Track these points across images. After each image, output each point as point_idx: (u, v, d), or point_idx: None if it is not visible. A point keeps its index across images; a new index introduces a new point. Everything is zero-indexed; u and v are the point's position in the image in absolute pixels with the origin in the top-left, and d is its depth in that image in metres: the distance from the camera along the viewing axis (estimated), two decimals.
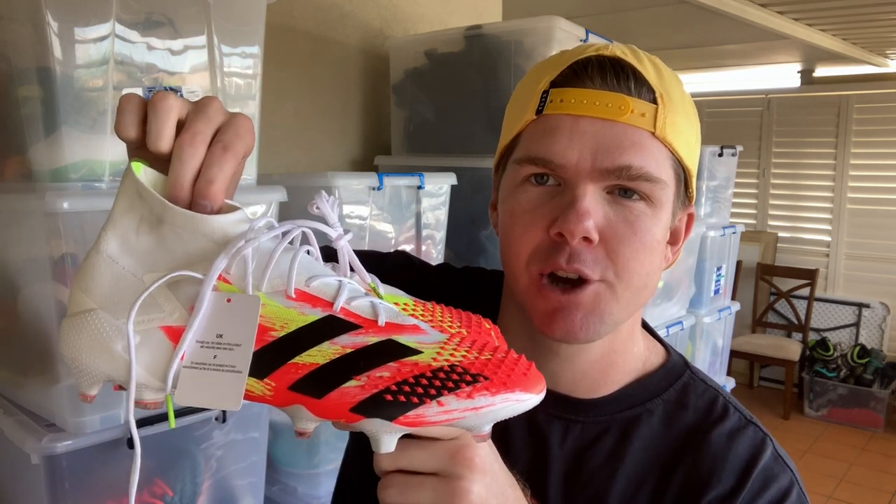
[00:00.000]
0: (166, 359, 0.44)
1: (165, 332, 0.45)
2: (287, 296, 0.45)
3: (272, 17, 1.19)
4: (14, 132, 0.95)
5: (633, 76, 0.59)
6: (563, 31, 1.54)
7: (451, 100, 1.72)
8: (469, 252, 1.67)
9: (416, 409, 0.42)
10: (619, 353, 0.67)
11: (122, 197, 0.45)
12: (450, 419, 0.43)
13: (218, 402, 0.43)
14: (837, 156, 4.93)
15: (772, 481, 0.61)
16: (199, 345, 0.44)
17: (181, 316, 0.45)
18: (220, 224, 0.45)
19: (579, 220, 0.56)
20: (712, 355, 2.34)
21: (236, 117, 0.47)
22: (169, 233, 0.45)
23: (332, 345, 0.44)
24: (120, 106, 0.46)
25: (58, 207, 0.87)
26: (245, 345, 0.43)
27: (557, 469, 0.65)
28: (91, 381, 0.46)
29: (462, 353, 0.44)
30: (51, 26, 0.88)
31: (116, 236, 0.45)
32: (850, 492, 3.76)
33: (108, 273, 0.45)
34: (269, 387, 0.44)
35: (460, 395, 0.42)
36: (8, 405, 1.05)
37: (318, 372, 0.43)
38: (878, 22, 3.22)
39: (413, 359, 0.43)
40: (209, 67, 1.06)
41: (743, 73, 5.10)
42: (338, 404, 0.43)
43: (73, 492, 0.96)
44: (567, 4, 3.03)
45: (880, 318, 4.86)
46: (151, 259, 0.45)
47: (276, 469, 1.34)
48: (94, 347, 0.45)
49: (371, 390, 0.42)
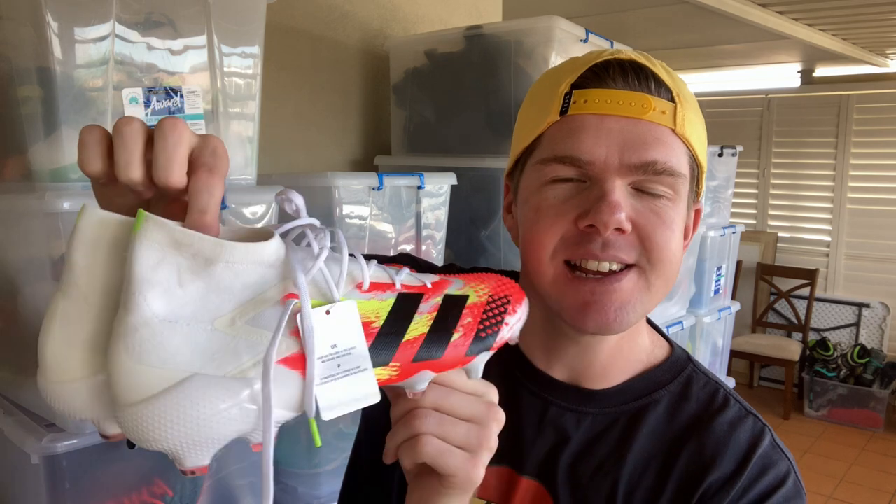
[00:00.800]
0: (297, 388, 0.45)
1: (284, 364, 0.44)
2: (362, 290, 0.48)
3: (272, 17, 1.19)
4: (14, 132, 0.95)
5: (652, 77, 0.62)
6: (563, 31, 1.54)
7: (451, 100, 1.72)
8: (469, 252, 1.67)
9: (499, 333, 0.51)
10: (627, 342, 0.70)
11: (145, 251, 0.41)
12: (512, 334, 0.52)
13: (359, 402, 0.46)
14: (837, 156, 4.93)
15: (770, 468, 0.64)
16: (321, 361, 0.45)
17: (289, 344, 0.44)
18: (275, 248, 0.45)
19: (612, 212, 0.58)
20: (712, 355, 2.33)
21: (209, 138, 0.44)
22: (224, 271, 0.42)
23: (420, 315, 0.49)
24: (81, 138, 0.43)
25: (58, 207, 0.87)
26: (359, 345, 0.46)
27: (567, 459, 0.67)
28: (211, 449, 0.43)
29: (483, 286, 0.52)
30: (51, 26, 0.88)
31: (158, 297, 0.41)
32: (850, 492, 3.76)
33: (176, 337, 0.41)
34: (395, 367, 0.48)
35: (510, 314, 0.52)
36: (8, 405, 1.05)
37: (429, 339, 0.49)
38: (878, 22, 3.21)
39: (470, 301, 0.51)
40: (209, 67, 1.06)
41: (743, 73, 5.10)
42: (455, 355, 0.50)
43: (73, 492, 0.96)
44: (567, 4, 3.03)
45: (880, 318, 4.86)
46: (210, 304, 0.42)
47: (276, 469, 1.34)
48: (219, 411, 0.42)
49: (471, 335, 0.50)
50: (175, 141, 0.42)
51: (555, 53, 1.52)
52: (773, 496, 0.63)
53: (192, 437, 0.42)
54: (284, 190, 0.48)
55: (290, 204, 0.48)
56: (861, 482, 3.86)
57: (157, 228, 0.41)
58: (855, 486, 3.82)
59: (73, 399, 0.44)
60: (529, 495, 0.67)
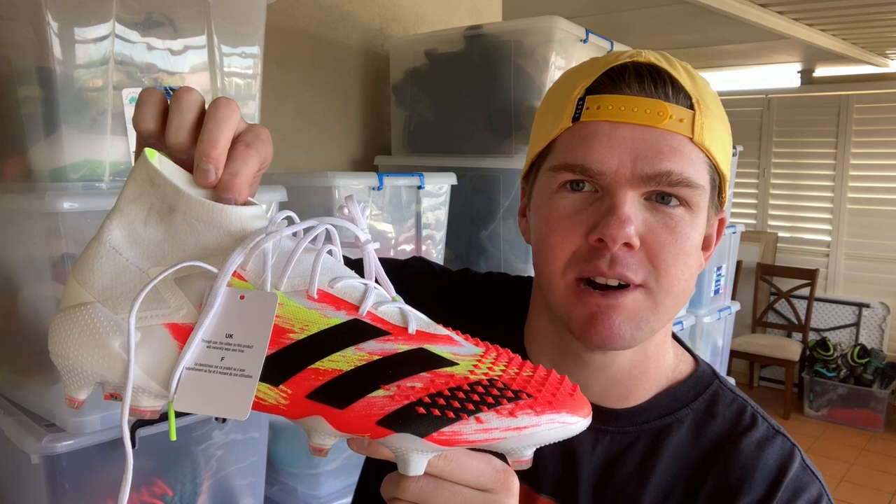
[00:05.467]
0: (169, 360, 0.40)
1: (170, 330, 0.41)
2: (308, 296, 0.41)
3: (272, 17, 1.19)
4: (14, 132, 0.95)
5: (670, 82, 0.59)
6: (563, 31, 1.54)
7: (451, 100, 1.72)
8: (469, 252, 1.67)
9: (452, 425, 0.38)
10: (653, 361, 0.67)
11: (131, 184, 0.42)
12: (489, 439, 0.39)
13: (223, 409, 0.39)
14: (837, 156, 4.92)
15: (801, 492, 0.61)
16: (206, 345, 0.40)
17: (189, 313, 0.41)
18: (238, 216, 0.42)
19: (621, 226, 0.55)
20: (712, 355, 2.34)
21: (256, 126, 0.46)
22: (181, 223, 0.42)
23: (358, 350, 0.40)
24: (140, 98, 0.46)
25: (58, 207, 0.87)
26: (258, 346, 0.39)
27: (587, 479, 0.64)
28: (80, 383, 0.41)
29: (501, 368, 0.40)
30: (51, 26, 0.88)
31: (122, 226, 0.42)
32: (850, 492, 3.76)
33: (110, 264, 0.42)
34: (285, 395, 0.39)
35: (501, 413, 0.38)
36: (8, 405, 1.05)
37: (342, 379, 0.39)
38: (878, 22, 3.21)
39: (448, 370, 0.39)
40: (209, 67, 1.06)
41: (743, 73, 5.10)
42: (363, 416, 0.39)
43: (73, 492, 0.96)
44: (567, 4, 3.03)
45: (880, 318, 4.86)
46: (159, 251, 0.42)
47: (276, 469, 1.34)
48: (88, 344, 0.41)
49: (402, 401, 0.38)
50: (224, 116, 0.44)
51: (555, 53, 1.52)
52: None
53: (67, 360, 0.41)
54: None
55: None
56: (861, 482, 3.86)
57: (142, 164, 0.42)
58: (855, 486, 3.82)
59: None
60: None
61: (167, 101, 0.45)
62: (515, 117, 1.57)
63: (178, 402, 0.40)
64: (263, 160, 0.46)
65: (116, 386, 0.41)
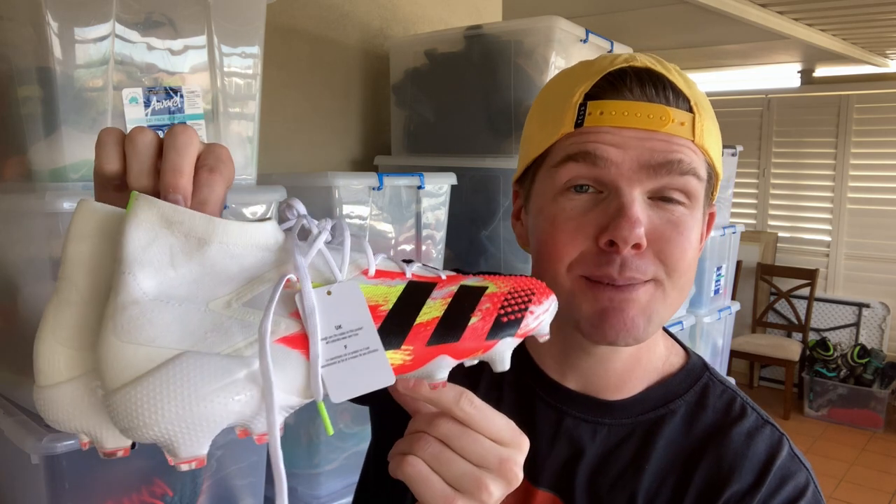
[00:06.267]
0: (300, 369, 0.42)
1: (285, 344, 0.42)
2: (368, 276, 0.47)
3: (272, 17, 1.19)
4: (14, 132, 0.95)
5: (670, 86, 0.60)
6: (563, 31, 1.54)
7: (451, 100, 1.72)
8: (469, 252, 1.67)
9: (523, 320, 0.48)
10: (645, 351, 0.68)
11: (136, 232, 0.40)
12: (538, 325, 0.49)
13: (372, 384, 0.44)
14: (837, 156, 4.93)
15: (789, 479, 0.63)
16: (325, 342, 0.43)
17: (289, 325, 0.43)
18: (272, 230, 0.45)
19: (632, 228, 0.56)
20: (712, 355, 2.34)
21: (215, 145, 0.46)
22: (218, 252, 0.42)
23: (433, 300, 0.47)
24: (100, 139, 0.44)
25: (58, 207, 0.87)
26: (367, 325, 0.45)
27: (584, 471, 0.66)
28: (207, 434, 0.40)
29: (503, 281, 0.50)
30: (51, 26, 0.88)
31: (149, 276, 0.40)
32: (850, 492, 3.76)
33: (168, 315, 0.40)
34: (408, 351, 0.46)
35: (536, 304, 0.49)
36: (8, 405, 1.05)
37: (444, 322, 0.47)
38: (878, 22, 3.21)
39: (490, 291, 0.49)
40: (209, 67, 1.06)
41: (743, 73, 5.10)
42: (473, 339, 0.47)
43: (73, 492, 0.96)
44: (567, 4, 3.03)
45: (880, 318, 4.86)
46: (205, 286, 0.41)
47: None
48: (214, 389, 0.39)
49: (491, 319, 0.48)
50: (184, 144, 0.43)
51: (555, 53, 1.52)
52: None
53: (185, 418, 0.38)
54: (289, 199, 0.49)
55: (291, 210, 0.48)
56: (861, 482, 3.86)
57: (148, 207, 0.41)
58: (855, 486, 3.82)
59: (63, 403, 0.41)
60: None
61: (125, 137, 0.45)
62: (515, 117, 1.57)
63: (333, 396, 0.43)
64: (228, 181, 0.45)
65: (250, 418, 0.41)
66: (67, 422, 0.42)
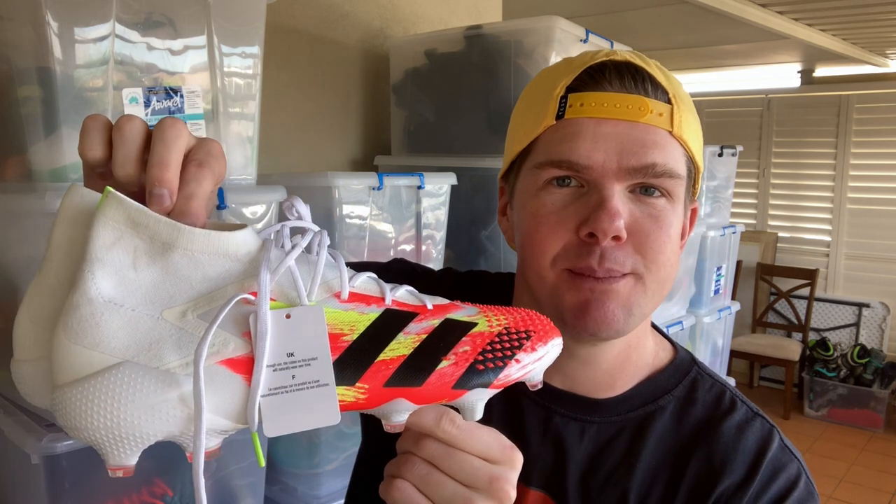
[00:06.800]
0: (239, 395, 0.40)
1: (228, 366, 0.40)
2: (340, 299, 0.43)
3: (272, 17, 1.19)
4: (14, 132, 0.95)
5: (649, 79, 0.61)
6: (563, 31, 1.54)
7: (451, 100, 1.72)
8: (469, 252, 1.67)
9: (504, 370, 0.45)
10: (634, 349, 0.69)
11: (102, 230, 0.39)
12: (525, 374, 0.46)
13: (313, 421, 0.41)
14: (837, 156, 4.92)
15: (781, 471, 0.64)
16: (272, 369, 0.40)
17: (237, 345, 0.40)
18: (243, 239, 0.42)
19: (612, 220, 0.57)
20: (712, 355, 2.33)
21: (206, 140, 0.45)
22: (182, 259, 0.40)
23: (406, 335, 0.44)
24: (84, 126, 0.43)
25: (58, 207, 0.87)
26: (322, 356, 0.41)
27: (575, 470, 0.66)
28: (135, 447, 0.39)
29: (503, 317, 0.47)
30: (51, 26, 0.88)
31: (107, 276, 0.39)
32: (850, 492, 3.76)
33: (117, 320, 0.39)
34: (363, 390, 0.42)
35: (528, 351, 0.46)
36: (8, 405, 1.05)
37: (409, 363, 0.43)
38: (878, 22, 3.21)
39: (477, 330, 0.45)
40: (209, 67, 1.06)
41: (743, 73, 5.10)
42: (439, 386, 0.44)
43: (73, 492, 0.96)
44: (567, 4, 3.03)
45: (880, 318, 4.86)
46: (163, 293, 0.40)
47: (276, 469, 1.34)
48: (145, 404, 0.38)
49: (464, 365, 0.44)
50: (172, 137, 0.42)
51: (555, 53, 1.52)
52: (786, 500, 0.62)
53: (113, 430, 0.38)
54: (290, 197, 0.47)
55: (292, 210, 0.46)
56: (861, 482, 3.86)
57: (116, 206, 0.39)
58: (855, 486, 3.82)
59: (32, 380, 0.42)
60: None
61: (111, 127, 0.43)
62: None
63: (267, 429, 0.41)
64: (217, 177, 0.44)
65: (177, 437, 0.40)
66: (32, 398, 0.43)
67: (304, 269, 0.43)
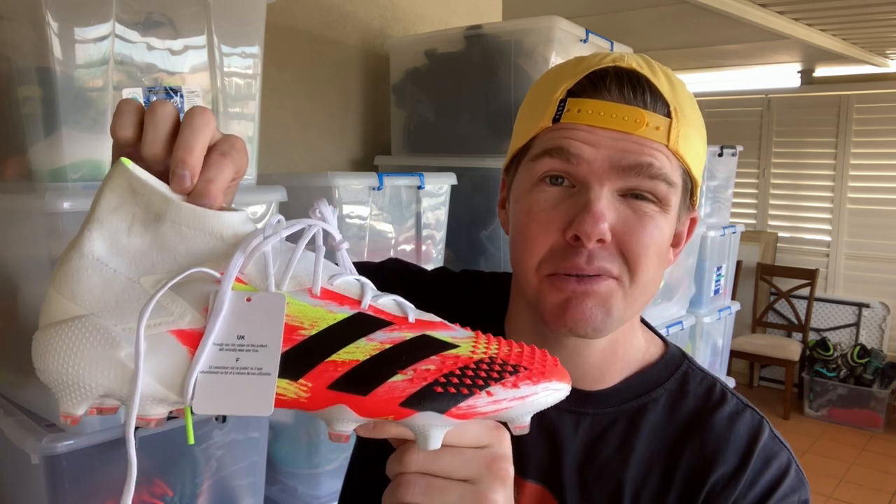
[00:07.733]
0: (181, 366, 0.41)
1: (177, 337, 0.41)
2: (312, 294, 0.43)
3: (272, 17, 1.19)
4: (14, 132, 0.95)
5: (649, 89, 0.60)
6: (563, 31, 1.54)
7: (451, 100, 1.72)
8: (469, 252, 1.67)
9: (468, 399, 0.41)
10: (622, 344, 0.70)
11: (108, 194, 0.42)
12: (498, 409, 0.42)
13: (245, 408, 0.40)
14: (837, 156, 4.92)
15: (772, 459, 0.65)
16: (218, 348, 0.41)
17: (194, 319, 0.41)
18: (230, 220, 0.43)
19: (595, 223, 0.58)
20: (712, 355, 2.34)
21: (231, 136, 0.47)
22: (170, 231, 0.42)
23: (370, 341, 0.42)
24: (119, 107, 0.46)
25: (58, 207, 0.87)
26: (272, 345, 0.41)
27: (571, 461, 0.67)
28: (80, 398, 0.41)
29: (495, 347, 0.44)
30: (51, 26, 0.88)
31: (103, 237, 0.42)
32: (850, 492, 3.76)
33: (97, 276, 0.41)
34: (305, 388, 0.41)
35: (507, 385, 0.42)
36: (8, 405, 1.05)
37: (361, 368, 0.41)
38: (878, 22, 3.21)
39: (453, 352, 0.43)
40: (209, 67, 1.06)
41: (743, 73, 5.10)
42: (386, 399, 0.41)
43: (73, 492, 0.96)
44: (567, 4, 3.03)
45: (880, 318, 4.86)
46: (147, 260, 0.42)
47: (276, 469, 1.34)
48: (90, 358, 0.40)
49: (420, 383, 0.41)
50: (200, 125, 0.44)
51: (555, 53, 1.52)
52: (779, 488, 0.63)
53: (63, 375, 0.40)
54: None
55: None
56: (861, 482, 3.86)
57: (121, 173, 0.42)
58: (855, 486, 3.82)
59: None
60: (534, 500, 0.67)
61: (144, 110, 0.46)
62: (515, 117, 1.57)
63: (196, 405, 0.41)
64: (238, 169, 0.46)
65: (121, 397, 0.41)
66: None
67: (283, 259, 0.43)
